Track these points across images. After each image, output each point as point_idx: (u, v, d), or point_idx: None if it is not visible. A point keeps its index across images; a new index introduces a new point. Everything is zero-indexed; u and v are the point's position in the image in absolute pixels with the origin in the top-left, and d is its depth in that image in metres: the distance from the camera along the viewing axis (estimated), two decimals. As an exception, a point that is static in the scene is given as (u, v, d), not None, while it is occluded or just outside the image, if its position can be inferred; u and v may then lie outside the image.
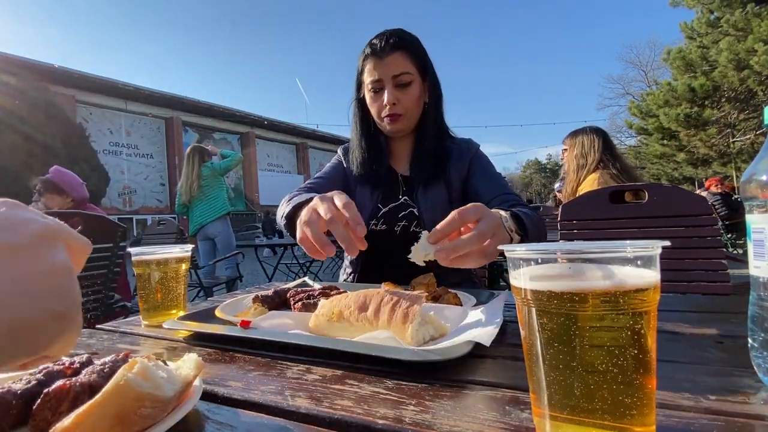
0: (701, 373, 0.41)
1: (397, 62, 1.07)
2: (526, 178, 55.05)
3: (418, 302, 0.53)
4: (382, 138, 1.22)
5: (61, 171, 2.50)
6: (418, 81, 1.11)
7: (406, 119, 1.12)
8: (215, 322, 0.67)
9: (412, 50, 1.10)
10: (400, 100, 1.09)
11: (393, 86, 1.09)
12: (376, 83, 1.10)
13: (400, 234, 1.14)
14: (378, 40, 1.09)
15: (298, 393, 0.41)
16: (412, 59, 1.09)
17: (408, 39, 1.10)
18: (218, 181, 3.90)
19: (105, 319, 1.75)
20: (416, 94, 1.11)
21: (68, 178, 2.50)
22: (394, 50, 1.07)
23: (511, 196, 1.08)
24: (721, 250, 1.21)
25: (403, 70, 1.08)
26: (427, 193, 1.14)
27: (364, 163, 1.19)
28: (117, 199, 16.59)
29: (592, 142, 2.16)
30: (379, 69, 1.08)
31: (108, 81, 15.50)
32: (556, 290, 0.29)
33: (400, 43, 1.08)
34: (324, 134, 25.73)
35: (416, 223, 1.14)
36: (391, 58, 1.07)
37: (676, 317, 0.63)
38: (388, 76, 1.08)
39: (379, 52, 1.08)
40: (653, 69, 30.75)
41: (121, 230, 1.75)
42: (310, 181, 1.22)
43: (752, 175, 0.40)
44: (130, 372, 0.30)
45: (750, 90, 12.98)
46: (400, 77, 1.08)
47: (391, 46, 1.07)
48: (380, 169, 1.19)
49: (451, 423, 0.34)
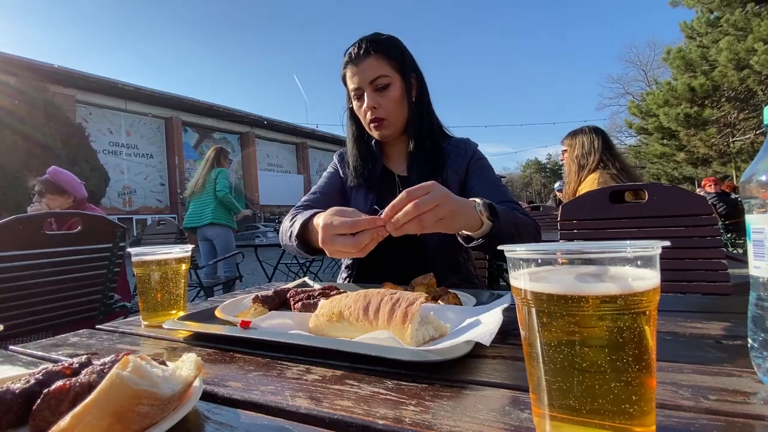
0: (701, 373, 0.41)
1: (372, 66, 1.08)
2: (526, 177, 55.05)
3: (418, 302, 0.53)
4: (375, 141, 1.22)
5: (59, 171, 2.49)
6: (397, 81, 1.11)
7: (390, 122, 1.12)
8: (215, 323, 0.67)
9: (387, 51, 1.10)
10: (381, 104, 1.09)
11: (372, 91, 1.09)
12: (356, 90, 1.11)
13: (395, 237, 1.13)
14: (353, 48, 1.10)
15: (298, 393, 0.41)
16: (387, 61, 1.09)
17: (381, 41, 1.10)
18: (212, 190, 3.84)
19: (105, 319, 1.75)
20: (396, 95, 1.10)
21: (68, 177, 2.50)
22: (368, 55, 1.08)
23: (511, 205, 1.07)
24: (721, 250, 1.21)
25: (378, 74, 1.08)
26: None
27: (358, 168, 1.20)
28: (117, 199, 16.60)
29: (591, 142, 2.16)
30: (357, 76, 1.09)
31: (108, 81, 15.50)
32: (556, 291, 0.29)
33: (374, 47, 1.08)
34: (324, 134, 25.74)
35: None
36: (366, 64, 1.08)
37: (676, 317, 0.63)
38: (366, 82, 1.09)
39: (354, 59, 1.09)
40: (653, 69, 30.81)
41: (120, 230, 1.75)
42: (306, 198, 1.22)
43: (752, 175, 0.40)
44: (124, 370, 0.30)
45: (750, 89, 12.99)
46: (376, 81, 1.08)
47: (365, 51, 1.08)
48: (375, 172, 1.19)
49: (451, 423, 0.34)
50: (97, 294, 1.71)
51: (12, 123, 9.99)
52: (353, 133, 1.22)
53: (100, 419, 0.29)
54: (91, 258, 1.65)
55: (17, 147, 9.77)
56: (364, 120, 1.14)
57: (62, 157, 10.11)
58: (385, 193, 1.18)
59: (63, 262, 1.55)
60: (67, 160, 10.26)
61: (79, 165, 10.62)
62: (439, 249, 1.11)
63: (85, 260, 1.63)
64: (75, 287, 1.61)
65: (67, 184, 2.46)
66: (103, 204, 13.49)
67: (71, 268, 1.59)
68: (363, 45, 1.09)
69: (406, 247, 1.11)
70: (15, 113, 10.20)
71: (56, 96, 12.56)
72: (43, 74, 12.68)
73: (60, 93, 13.50)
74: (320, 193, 1.24)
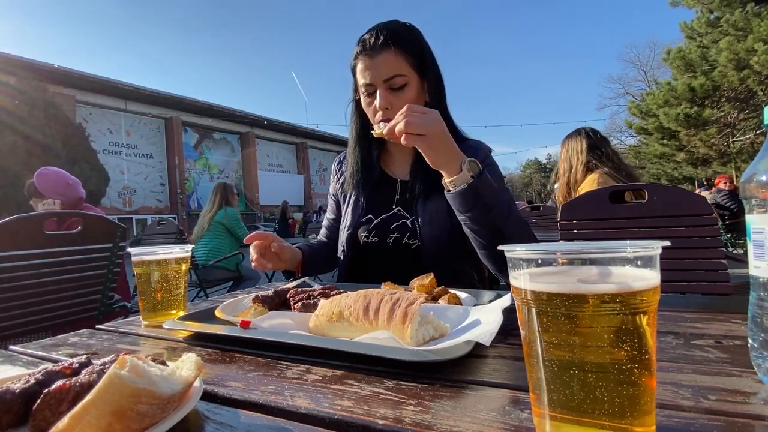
0: (701, 373, 0.41)
1: (389, 63, 0.98)
2: (526, 178, 55.06)
3: (418, 302, 0.53)
4: (376, 145, 1.17)
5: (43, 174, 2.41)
6: (414, 81, 1.02)
7: None
8: (215, 323, 0.67)
9: (406, 46, 1.00)
10: (394, 105, 0.99)
11: (385, 90, 0.99)
12: (368, 87, 1.02)
13: (392, 246, 1.08)
14: (369, 35, 1.00)
15: (298, 393, 0.41)
16: (405, 57, 0.99)
17: (401, 33, 1.00)
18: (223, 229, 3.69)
19: (105, 319, 1.75)
20: (412, 96, 1.01)
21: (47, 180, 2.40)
22: (385, 47, 0.98)
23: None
24: (721, 250, 1.21)
25: (395, 72, 0.98)
26: (426, 203, 1.07)
27: (354, 174, 1.15)
28: (117, 199, 16.59)
29: (575, 146, 2.21)
30: (370, 72, 0.99)
31: (108, 81, 15.50)
32: (556, 291, 0.29)
33: (393, 38, 0.98)
34: (324, 134, 25.73)
35: (409, 235, 1.07)
36: (382, 58, 0.98)
37: (676, 317, 0.63)
38: (380, 79, 0.99)
39: (369, 49, 0.99)
40: (653, 69, 30.76)
41: (120, 230, 1.75)
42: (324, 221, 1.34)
43: (752, 175, 0.40)
44: (121, 370, 0.30)
45: (750, 90, 12.99)
46: (392, 80, 0.98)
47: (382, 43, 0.97)
48: (370, 180, 1.14)
49: (451, 423, 0.34)
50: (97, 294, 1.71)
51: (12, 123, 10.00)
52: (357, 129, 1.15)
53: (100, 419, 0.29)
54: (91, 258, 1.65)
55: (17, 147, 9.77)
56: (373, 118, 1.05)
57: (62, 157, 10.11)
58: (380, 201, 1.15)
59: (63, 262, 1.55)
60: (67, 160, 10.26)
61: (79, 165, 10.63)
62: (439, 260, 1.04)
63: (85, 260, 1.63)
64: (75, 287, 1.61)
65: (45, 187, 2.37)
66: (103, 204, 13.49)
67: (71, 268, 1.59)
68: (381, 35, 0.98)
69: (402, 254, 1.08)
70: (15, 113, 10.20)
71: (56, 96, 12.56)
72: (43, 74, 12.67)
73: (60, 93, 13.50)
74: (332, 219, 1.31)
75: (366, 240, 1.12)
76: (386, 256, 1.11)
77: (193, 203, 19.23)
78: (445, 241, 1.04)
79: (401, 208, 1.12)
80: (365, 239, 1.12)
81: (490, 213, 0.88)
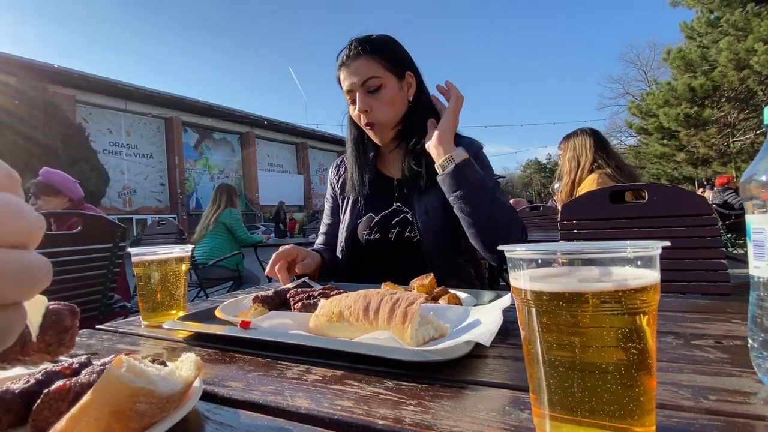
0: (701, 373, 0.41)
1: (362, 68, 1.05)
2: (526, 177, 55.03)
3: (418, 302, 0.53)
4: (372, 149, 1.21)
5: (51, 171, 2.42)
6: (391, 82, 1.08)
7: (383, 125, 1.10)
8: (215, 323, 0.67)
9: (379, 52, 1.07)
10: (373, 107, 1.07)
11: (364, 93, 1.06)
12: (349, 94, 1.09)
13: (394, 241, 1.12)
14: (345, 50, 1.08)
15: (298, 393, 0.41)
16: (379, 60, 1.06)
17: (372, 41, 1.08)
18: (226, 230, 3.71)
19: (105, 319, 1.75)
20: (389, 96, 1.07)
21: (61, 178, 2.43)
22: (358, 56, 1.06)
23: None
24: (721, 250, 1.21)
25: (369, 75, 1.05)
26: (421, 198, 1.11)
27: (352, 178, 1.19)
28: (117, 199, 16.61)
29: (583, 144, 2.20)
30: (349, 79, 1.07)
31: (108, 81, 15.51)
32: (557, 291, 0.29)
33: (364, 47, 1.06)
34: (324, 134, 25.76)
35: (410, 228, 1.11)
36: (356, 65, 1.06)
37: (676, 317, 0.63)
38: (357, 85, 1.06)
39: (345, 61, 1.07)
40: (653, 69, 30.77)
41: (120, 230, 1.75)
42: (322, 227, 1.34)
43: (752, 175, 0.40)
44: (118, 369, 0.30)
45: (750, 90, 13.00)
46: (368, 83, 1.05)
47: (355, 53, 1.06)
48: (371, 178, 1.18)
49: (451, 423, 0.34)
50: (97, 294, 1.72)
51: (12, 123, 10.00)
52: (353, 137, 1.21)
53: (98, 419, 0.29)
54: (91, 258, 1.65)
55: (17, 147, 9.78)
56: (361, 124, 1.12)
57: (62, 157, 10.12)
58: (380, 199, 1.17)
59: (63, 262, 1.55)
60: (67, 160, 10.27)
61: (79, 165, 10.63)
62: (438, 253, 1.08)
63: (85, 260, 1.63)
64: (75, 287, 1.61)
65: (61, 185, 2.39)
66: (103, 204, 13.50)
67: (71, 268, 1.59)
68: (353, 47, 1.07)
69: (404, 249, 1.10)
70: (15, 113, 10.21)
71: (56, 96, 12.57)
72: (43, 74, 12.68)
73: (60, 93, 13.50)
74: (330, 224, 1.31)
75: (368, 237, 1.14)
76: (388, 252, 1.12)
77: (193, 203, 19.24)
78: (442, 233, 1.09)
79: (401, 204, 1.16)
80: (367, 237, 1.14)
81: (476, 193, 0.98)
